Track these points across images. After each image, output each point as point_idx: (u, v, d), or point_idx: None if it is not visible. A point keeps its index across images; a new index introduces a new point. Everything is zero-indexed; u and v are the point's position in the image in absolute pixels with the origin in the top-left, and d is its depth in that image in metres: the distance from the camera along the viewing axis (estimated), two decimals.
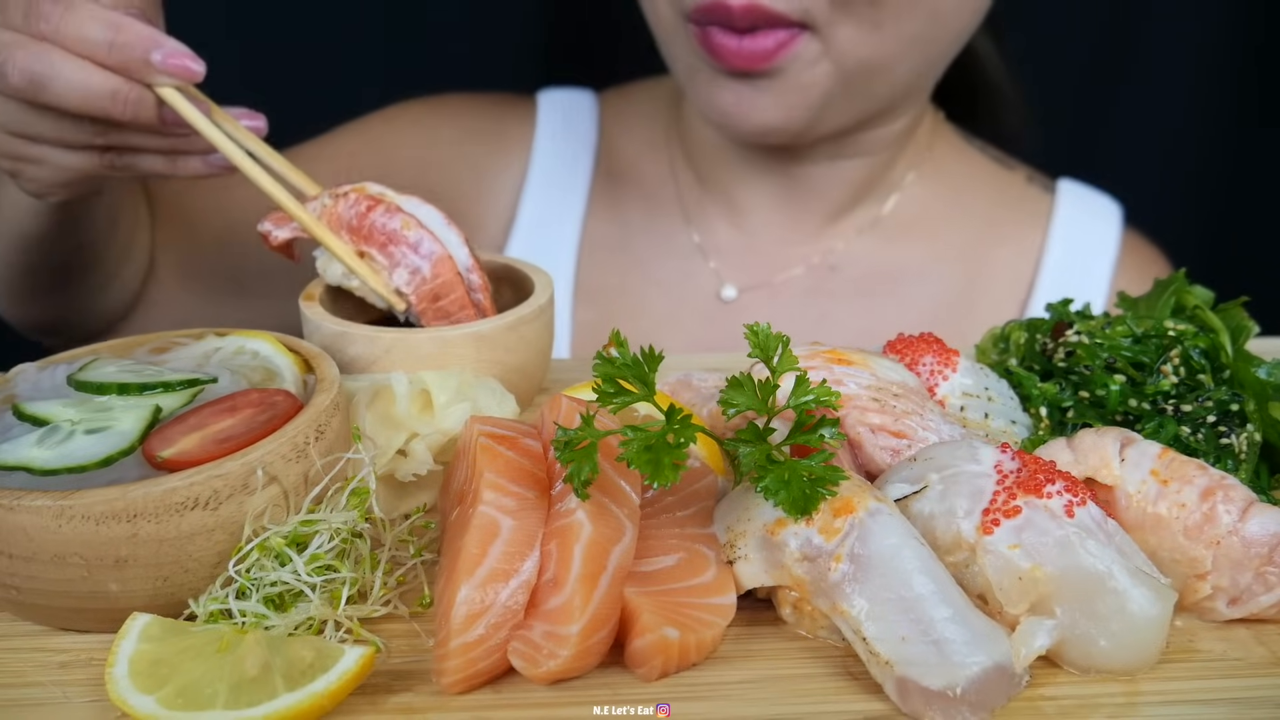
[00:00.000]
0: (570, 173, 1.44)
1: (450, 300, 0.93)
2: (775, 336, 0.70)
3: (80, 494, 0.65)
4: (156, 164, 0.95)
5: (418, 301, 0.93)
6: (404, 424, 0.81)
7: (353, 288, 0.94)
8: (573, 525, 0.65)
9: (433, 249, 0.92)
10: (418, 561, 0.74)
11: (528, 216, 1.41)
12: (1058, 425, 0.84)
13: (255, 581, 0.67)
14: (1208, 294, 0.90)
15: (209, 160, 0.95)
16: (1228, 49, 1.72)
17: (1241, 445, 0.79)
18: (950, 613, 0.63)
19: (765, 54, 1.12)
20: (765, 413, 0.69)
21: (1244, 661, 0.67)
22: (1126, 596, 0.64)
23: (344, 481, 0.72)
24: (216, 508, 0.67)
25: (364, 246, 0.93)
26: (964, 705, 0.61)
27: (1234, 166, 1.79)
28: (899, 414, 0.78)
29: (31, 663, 0.68)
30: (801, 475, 0.66)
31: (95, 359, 0.80)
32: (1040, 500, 0.66)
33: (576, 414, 0.68)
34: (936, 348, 0.85)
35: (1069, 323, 0.88)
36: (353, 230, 0.93)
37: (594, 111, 1.47)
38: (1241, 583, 0.69)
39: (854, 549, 0.65)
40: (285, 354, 0.80)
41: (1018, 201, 1.41)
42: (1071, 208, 1.40)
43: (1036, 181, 1.43)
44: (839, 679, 0.66)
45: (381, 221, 0.92)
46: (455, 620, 0.63)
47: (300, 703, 0.60)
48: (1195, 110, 1.77)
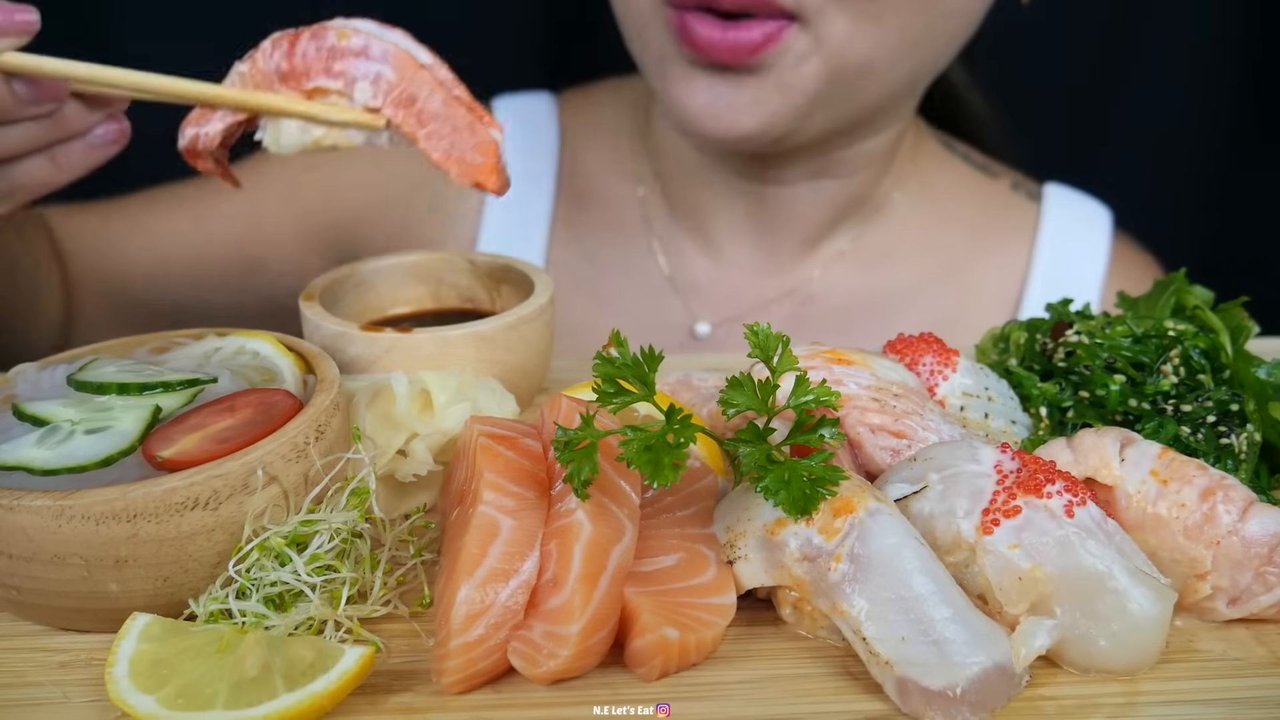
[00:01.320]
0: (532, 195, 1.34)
1: (429, 101, 0.81)
2: (775, 336, 0.70)
3: (80, 494, 0.65)
4: (37, 170, 0.81)
5: (395, 112, 0.80)
6: (404, 424, 0.81)
7: (318, 140, 0.81)
8: (573, 525, 0.65)
9: (384, 49, 0.80)
10: (418, 561, 0.74)
11: (487, 245, 1.33)
12: (1058, 425, 0.84)
13: (255, 581, 0.67)
14: (1208, 294, 0.90)
15: (91, 141, 0.81)
16: (1227, 49, 1.72)
17: (1241, 445, 0.79)
18: (950, 613, 0.63)
19: (751, 47, 1.03)
20: (765, 413, 0.69)
21: (1244, 661, 0.67)
22: (1126, 596, 0.64)
23: (344, 481, 0.72)
24: (216, 508, 0.67)
25: (305, 85, 0.80)
26: (964, 705, 0.61)
27: (1234, 166, 1.79)
28: (899, 414, 0.78)
29: (31, 663, 0.68)
30: (801, 475, 0.66)
31: (95, 359, 0.80)
32: (1040, 500, 0.66)
33: (576, 414, 0.68)
34: (936, 348, 0.85)
35: (1069, 323, 0.88)
36: (286, 76, 0.80)
37: (554, 119, 1.37)
38: (1241, 583, 0.69)
39: (854, 549, 0.65)
40: (285, 354, 0.80)
41: (1002, 211, 1.35)
42: (1059, 216, 1.34)
43: (1021, 188, 1.37)
44: (839, 679, 0.66)
45: (314, 47, 0.80)
46: (455, 620, 0.63)
47: (300, 703, 0.60)
48: (1195, 109, 1.76)
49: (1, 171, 0.81)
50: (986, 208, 1.34)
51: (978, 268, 1.32)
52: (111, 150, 0.82)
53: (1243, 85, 1.74)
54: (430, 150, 0.81)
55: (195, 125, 0.81)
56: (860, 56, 1.07)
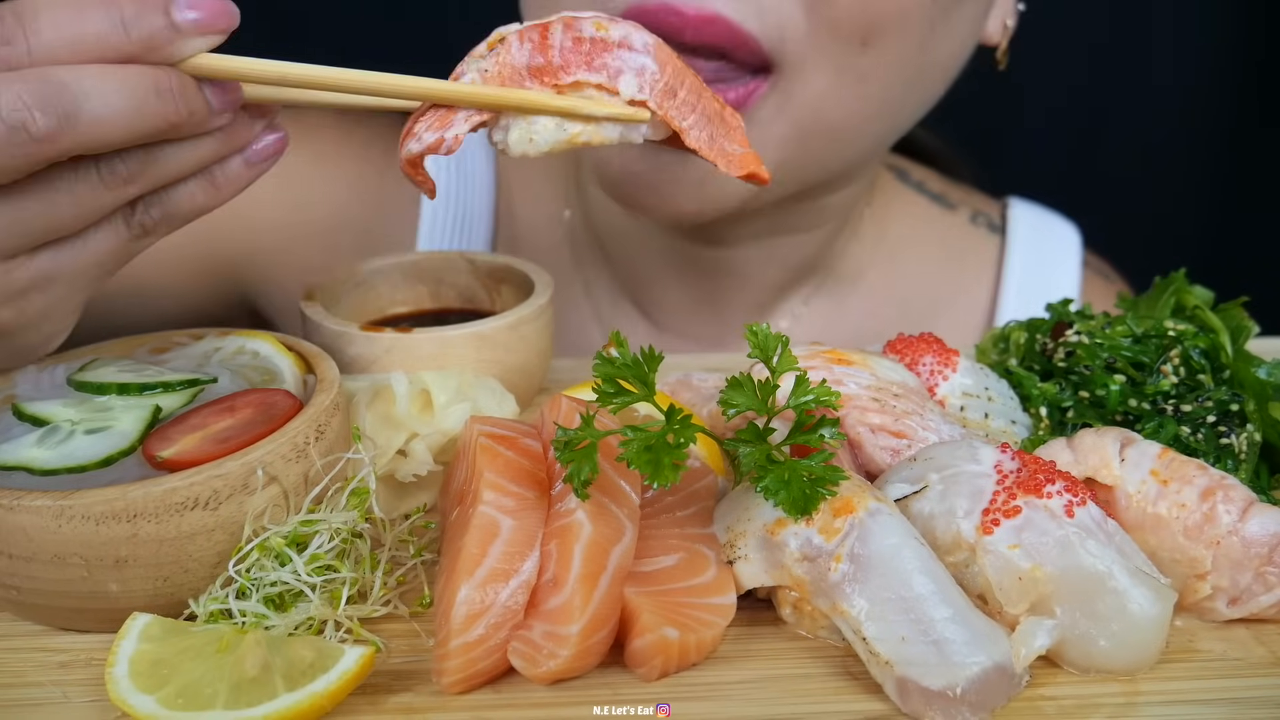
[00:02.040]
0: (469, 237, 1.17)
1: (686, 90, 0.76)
2: (775, 336, 0.70)
3: (80, 494, 0.65)
4: (196, 196, 0.68)
5: (660, 104, 0.74)
6: (404, 424, 0.81)
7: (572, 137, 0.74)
8: (573, 525, 0.65)
9: (645, 40, 0.74)
10: (418, 561, 0.74)
11: None
12: (1058, 425, 0.84)
13: (255, 581, 0.67)
14: (1208, 294, 0.90)
15: (250, 156, 0.69)
16: (1229, 47, 1.72)
17: (1241, 445, 0.79)
18: (950, 613, 0.63)
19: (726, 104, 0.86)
20: (765, 413, 0.69)
21: (1244, 661, 0.67)
22: (1126, 596, 0.64)
23: (344, 481, 0.72)
24: (216, 508, 0.67)
25: (564, 79, 0.73)
26: (964, 705, 0.61)
27: (1234, 166, 1.79)
28: (899, 414, 0.78)
29: (31, 663, 0.68)
30: (801, 475, 0.66)
31: (95, 359, 0.80)
32: (1040, 500, 0.66)
33: (576, 414, 0.68)
34: (936, 348, 0.85)
35: (1069, 323, 0.88)
36: (539, 71, 0.73)
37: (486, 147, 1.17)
38: (1241, 583, 0.69)
39: (854, 549, 0.65)
40: (285, 354, 0.80)
41: (961, 246, 1.25)
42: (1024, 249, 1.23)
43: (982, 219, 1.27)
44: (839, 679, 0.66)
45: (569, 39, 0.73)
46: (455, 620, 0.63)
47: (300, 703, 0.60)
48: (1195, 108, 1.77)
49: (157, 206, 0.67)
50: (946, 246, 1.24)
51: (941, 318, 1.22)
52: (268, 166, 0.70)
53: (1244, 84, 1.74)
54: (695, 142, 0.76)
55: (437, 129, 0.71)
56: (835, 119, 0.94)
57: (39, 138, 0.58)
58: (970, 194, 1.31)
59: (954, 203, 1.28)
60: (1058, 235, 1.26)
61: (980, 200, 1.31)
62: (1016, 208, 1.29)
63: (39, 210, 0.62)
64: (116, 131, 0.60)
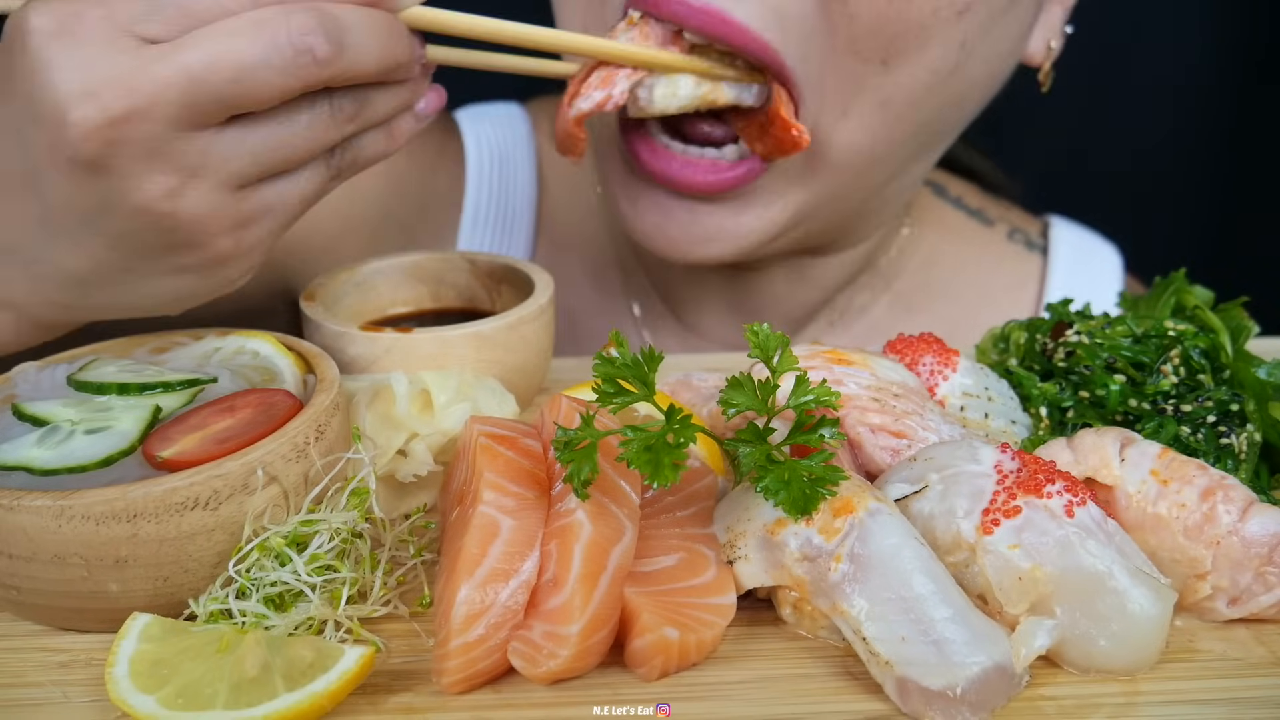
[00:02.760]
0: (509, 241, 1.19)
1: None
2: (775, 336, 0.70)
3: (80, 494, 0.65)
4: (379, 143, 0.73)
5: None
6: (404, 424, 0.81)
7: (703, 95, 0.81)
8: (573, 525, 0.65)
9: None
10: (418, 561, 0.74)
11: None
12: (1058, 425, 0.84)
13: (255, 581, 0.67)
14: (1208, 294, 0.90)
15: (419, 111, 0.74)
16: (1229, 47, 1.72)
17: (1241, 445, 0.79)
18: (950, 613, 0.63)
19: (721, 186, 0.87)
20: (765, 413, 0.69)
21: (1244, 661, 0.67)
22: (1126, 596, 0.64)
23: (344, 481, 0.72)
24: (216, 508, 0.67)
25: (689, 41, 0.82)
26: (964, 705, 0.61)
27: (1234, 166, 1.79)
28: (899, 414, 0.78)
29: (31, 663, 0.68)
30: (801, 475, 0.66)
31: (95, 359, 0.80)
32: (1040, 500, 0.66)
33: (576, 414, 0.68)
34: (936, 348, 0.85)
35: (1069, 323, 0.88)
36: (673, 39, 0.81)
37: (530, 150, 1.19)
38: (1241, 583, 0.69)
39: (854, 549, 0.65)
40: (285, 354, 0.80)
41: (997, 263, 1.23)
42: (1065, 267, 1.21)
43: (1019, 236, 1.25)
44: (839, 679, 0.66)
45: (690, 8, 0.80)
46: (455, 620, 0.63)
47: (300, 703, 0.60)
48: (1196, 108, 1.77)
49: (352, 152, 0.72)
50: (982, 263, 1.23)
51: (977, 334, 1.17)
52: (428, 122, 0.75)
53: (1244, 84, 1.74)
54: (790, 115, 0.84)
55: (603, 87, 0.78)
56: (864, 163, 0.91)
57: (320, 61, 0.63)
58: (1009, 209, 1.29)
59: (992, 219, 1.26)
60: (1100, 257, 1.25)
61: (1019, 216, 1.29)
62: (1058, 227, 1.27)
63: (280, 140, 0.66)
64: (370, 64, 0.65)
